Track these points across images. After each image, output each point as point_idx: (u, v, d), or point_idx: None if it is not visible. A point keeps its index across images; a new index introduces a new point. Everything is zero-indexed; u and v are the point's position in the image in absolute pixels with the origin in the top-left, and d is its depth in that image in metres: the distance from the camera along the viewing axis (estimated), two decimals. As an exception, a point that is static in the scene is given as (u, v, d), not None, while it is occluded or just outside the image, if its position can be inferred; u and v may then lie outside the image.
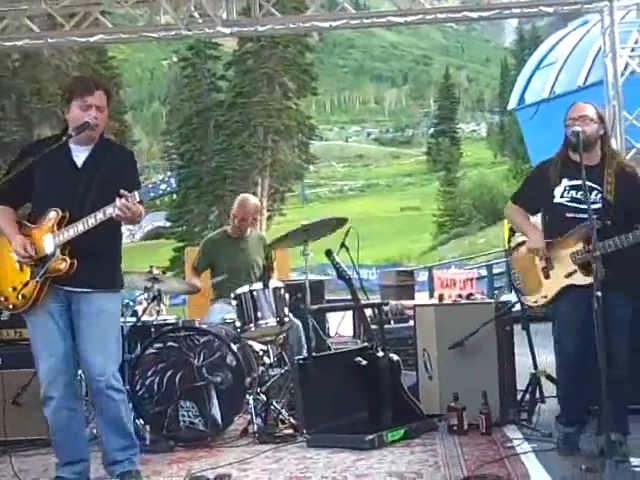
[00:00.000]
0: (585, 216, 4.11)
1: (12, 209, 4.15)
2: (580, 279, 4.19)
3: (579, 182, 4.17)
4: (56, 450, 4.13)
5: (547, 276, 4.34)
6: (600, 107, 4.37)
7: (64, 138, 4.04)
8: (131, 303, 6.92)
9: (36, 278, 3.96)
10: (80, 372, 4.26)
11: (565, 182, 4.31)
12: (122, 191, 3.82)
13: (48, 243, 3.96)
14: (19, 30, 8.97)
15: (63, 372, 4.01)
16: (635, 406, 4.80)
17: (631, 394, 4.36)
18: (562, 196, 4.31)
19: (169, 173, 4.03)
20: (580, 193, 4.22)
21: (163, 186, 3.90)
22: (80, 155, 4.08)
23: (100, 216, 3.88)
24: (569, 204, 4.28)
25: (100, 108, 4.04)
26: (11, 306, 4.05)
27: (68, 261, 3.94)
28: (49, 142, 4.11)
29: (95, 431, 4.48)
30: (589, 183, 4.13)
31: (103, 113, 4.07)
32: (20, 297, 4.00)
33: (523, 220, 4.51)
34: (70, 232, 3.93)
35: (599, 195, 4.23)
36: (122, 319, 4.65)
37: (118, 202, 3.81)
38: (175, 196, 44.43)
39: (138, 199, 3.86)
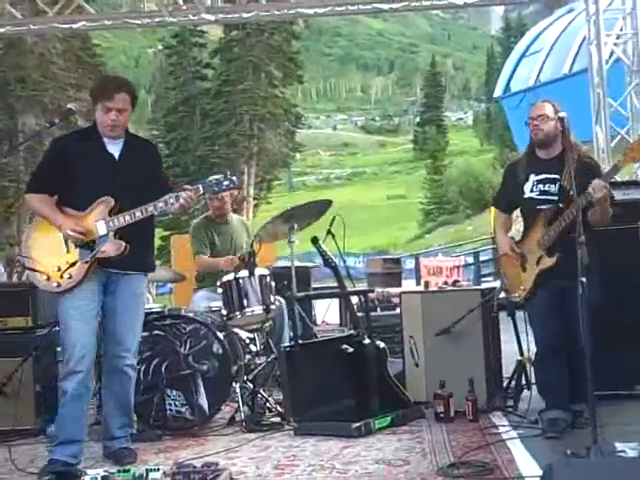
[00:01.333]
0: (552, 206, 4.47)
1: (50, 197, 4.36)
2: (547, 262, 4.48)
3: (544, 176, 4.54)
4: (58, 427, 4.29)
5: (524, 269, 4.62)
6: (559, 106, 4.57)
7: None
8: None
9: (86, 259, 4.20)
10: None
11: (532, 177, 4.61)
12: (186, 186, 4.25)
13: (100, 228, 4.22)
14: (1, 17, 8.90)
15: (92, 349, 4.25)
16: (617, 392, 4.90)
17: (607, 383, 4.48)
18: (532, 190, 4.61)
19: (228, 172, 4.38)
20: (547, 185, 4.55)
21: (226, 182, 4.26)
22: (114, 148, 4.37)
23: (160, 205, 4.22)
24: (539, 197, 4.58)
25: (121, 110, 4.30)
26: (55, 284, 4.24)
27: (123, 244, 4.21)
28: (81, 135, 4.48)
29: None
30: (551, 175, 4.50)
31: (125, 113, 4.33)
32: (66, 276, 4.21)
33: (498, 227, 4.87)
34: (127, 218, 4.22)
35: (559, 184, 4.50)
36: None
37: (184, 194, 4.19)
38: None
39: (202, 192, 4.24)
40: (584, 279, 3.81)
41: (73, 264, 4.22)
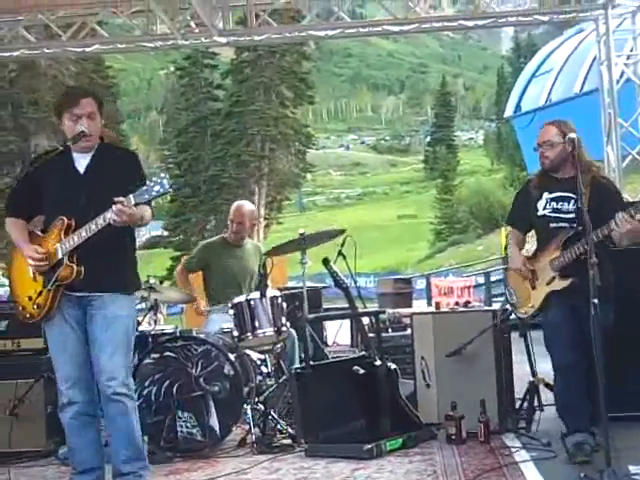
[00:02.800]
0: (566, 225, 4.45)
1: (23, 221, 4.18)
2: (558, 284, 4.44)
3: (558, 194, 4.51)
4: (71, 457, 4.14)
5: (534, 287, 4.58)
6: (567, 125, 4.53)
7: (60, 148, 4.09)
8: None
9: (48, 286, 3.98)
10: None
11: (546, 195, 4.59)
12: (117, 198, 3.81)
13: (57, 251, 3.98)
14: (16, 40, 9.00)
15: (81, 378, 4.02)
16: (630, 414, 4.86)
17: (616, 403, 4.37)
18: (544, 208, 4.59)
19: (162, 175, 3.94)
20: (560, 203, 4.52)
21: (157, 188, 3.85)
22: (82, 162, 4.10)
23: (100, 221, 3.88)
24: (551, 215, 4.56)
25: (90, 115, 4.04)
26: (28, 315, 4.08)
27: (75, 268, 3.95)
28: (52, 152, 4.14)
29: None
30: (565, 193, 4.47)
31: (95, 120, 4.07)
32: (35, 306, 4.03)
33: (512, 243, 4.81)
34: (75, 239, 3.94)
35: (573, 203, 4.47)
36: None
37: (114, 207, 3.81)
38: (167, 202, 44.35)
39: (133, 202, 3.84)
40: (596, 300, 3.80)
41: (40, 293, 4.01)
